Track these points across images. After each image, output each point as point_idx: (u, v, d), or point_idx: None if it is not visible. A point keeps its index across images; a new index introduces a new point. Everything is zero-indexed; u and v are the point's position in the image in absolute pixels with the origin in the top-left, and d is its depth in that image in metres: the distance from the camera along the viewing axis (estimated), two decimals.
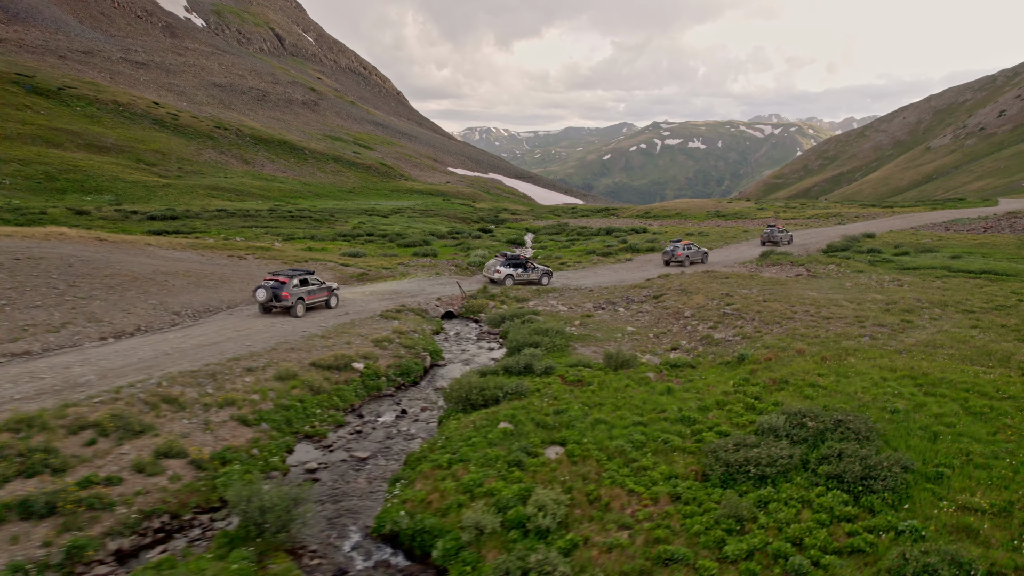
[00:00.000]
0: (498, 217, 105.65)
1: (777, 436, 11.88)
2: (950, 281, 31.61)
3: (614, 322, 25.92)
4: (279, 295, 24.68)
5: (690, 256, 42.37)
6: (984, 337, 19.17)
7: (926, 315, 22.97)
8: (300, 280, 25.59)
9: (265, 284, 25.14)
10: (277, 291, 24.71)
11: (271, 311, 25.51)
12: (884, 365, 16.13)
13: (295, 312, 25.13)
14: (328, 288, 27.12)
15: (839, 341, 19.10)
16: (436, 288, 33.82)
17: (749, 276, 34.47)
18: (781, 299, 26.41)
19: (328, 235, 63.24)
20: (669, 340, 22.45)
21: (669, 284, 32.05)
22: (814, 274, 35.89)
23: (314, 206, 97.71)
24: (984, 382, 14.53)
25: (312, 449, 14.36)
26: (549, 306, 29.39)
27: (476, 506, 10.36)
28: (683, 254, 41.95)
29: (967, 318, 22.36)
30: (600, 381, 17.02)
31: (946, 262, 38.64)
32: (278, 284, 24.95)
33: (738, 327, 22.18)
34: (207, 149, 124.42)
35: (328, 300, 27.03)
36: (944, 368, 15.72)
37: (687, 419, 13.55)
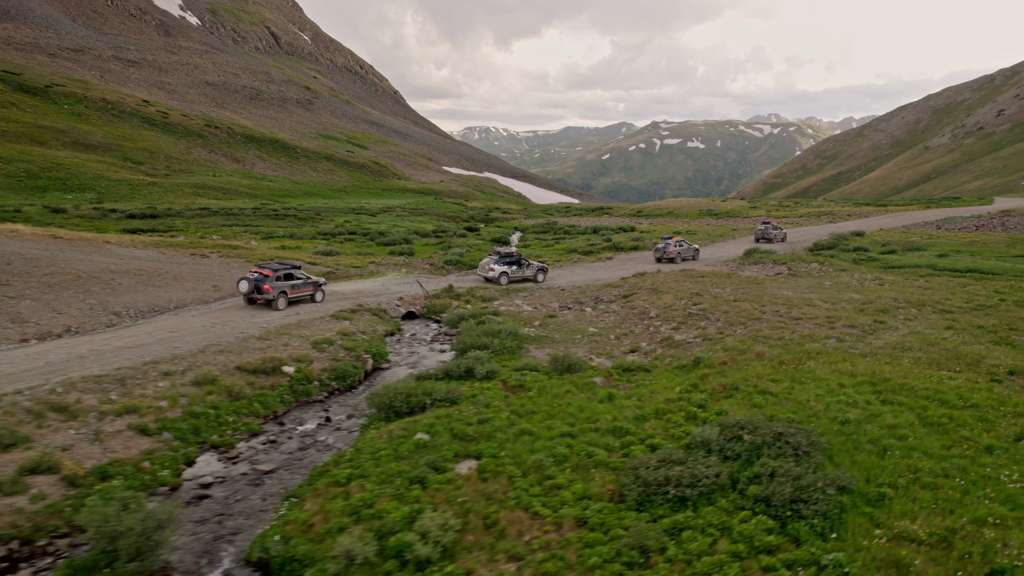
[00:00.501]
0: (489, 216, 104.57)
1: (709, 451, 10.69)
2: (933, 280, 30.40)
3: (577, 323, 24.73)
4: (261, 288, 24.96)
5: (681, 253, 41.97)
6: (957, 339, 17.98)
7: (901, 315, 21.77)
8: (284, 274, 25.75)
9: (248, 276, 25.35)
10: (259, 284, 24.99)
11: (255, 303, 25.77)
12: (845, 370, 14.93)
13: (276, 306, 25.25)
14: (314, 283, 27.25)
15: (803, 343, 17.90)
16: (402, 287, 32.63)
17: (727, 275, 33.26)
18: (753, 299, 25.21)
19: (309, 233, 62.06)
20: (629, 342, 21.25)
21: (642, 283, 30.85)
22: (795, 273, 34.68)
23: (302, 205, 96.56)
24: (947, 388, 13.33)
25: (215, 461, 13.17)
26: (514, 306, 28.20)
27: (355, 531, 9.17)
28: (675, 251, 41.58)
29: (943, 318, 21.17)
30: (541, 387, 15.84)
31: (932, 260, 37.45)
32: (261, 277, 25.17)
33: (701, 328, 20.98)
34: (197, 148, 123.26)
35: (313, 295, 27.16)
36: (908, 373, 14.53)
37: (619, 430, 12.36)
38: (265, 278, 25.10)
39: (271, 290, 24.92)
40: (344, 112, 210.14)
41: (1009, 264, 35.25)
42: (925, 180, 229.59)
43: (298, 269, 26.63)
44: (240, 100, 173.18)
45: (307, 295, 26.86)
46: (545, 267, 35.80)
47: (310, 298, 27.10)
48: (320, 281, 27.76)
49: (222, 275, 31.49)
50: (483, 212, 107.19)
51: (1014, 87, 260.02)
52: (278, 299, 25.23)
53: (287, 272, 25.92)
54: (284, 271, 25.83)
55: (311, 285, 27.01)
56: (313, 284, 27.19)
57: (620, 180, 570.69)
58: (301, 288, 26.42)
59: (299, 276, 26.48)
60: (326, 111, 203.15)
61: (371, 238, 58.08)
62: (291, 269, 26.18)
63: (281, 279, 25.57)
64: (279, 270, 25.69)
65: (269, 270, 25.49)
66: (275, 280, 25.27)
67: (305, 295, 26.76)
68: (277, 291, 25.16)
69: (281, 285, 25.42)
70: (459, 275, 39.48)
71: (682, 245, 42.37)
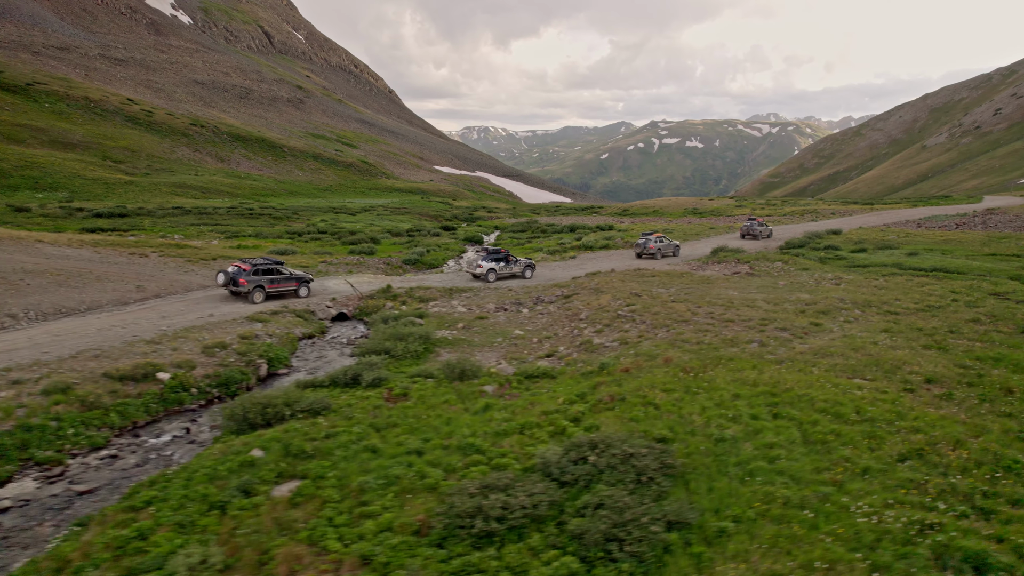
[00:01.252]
0: (473, 215, 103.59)
1: (546, 474, 9.35)
2: (893, 279, 29.01)
3: (507, 325, 23.38)
4: (236, 281, 26.38)
5: (662, 249, 42.18)
6: (889, 342, 16.62)
7: (841, 317, 20.40)
8: (263, 269, 26.93)
9: (226, 270, 26.94)
10: (236, 277, 26.41)
11: (238, 295, 26.92)
12: (747, 379, 13.57)
13: (252, 299, 26.39)
14: (297, 279, 28.15)
15: (720, 348, 16.55)
16: (342, 287, 31.29)
17: (681, 274, 31.90)
18: (693, 299, 23.86)
19: (278, 233, 60.79)
20: (549, 345, 19.90)
21: (588, 283, 29.50)
22: (755, 272, 33.30)
23: (282, 204, 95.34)
24: (848, 400, 11.98)
25: (29, 481, 11.84)
26: (449, 308, 26.85)
27: (105, 568, 7.84)
28: (655, 247, 41.93)
29: (884, 320, 19.81)
30: (421, 396, 14.51)
31: (900, 259, 36.09)
32: (239, 271, 26.50)
33: (624, 331, 19.62)
34: (181, 147, 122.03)
35: (297, 290, 28.06)
36: (814, 382, 13.16)
37: (470, 447, 11.02)
38: (242, 272, 26.39)
39: (246, 283, 26.28)
40: (336, 111, 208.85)
41: (978, 263, 33.88)
42: (922, 179, 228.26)
43: (281, 265, 27.70)
44: (229, 99, 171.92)
45: (290, 290, 27.80)
46: (532, 263, 35.74)
47: (294, 293, 27.98)
48: (307, 278, 28.67)
49: (153, 275, 30.19)
50: (467, 211, 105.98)
51: (1012, 86, 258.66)
52: (253, 292, 26.42)
53: (266, 267, 27.03)
54: (264, 266, 26.96)
55: (294, 281, 27.96)
56: (297, 280, 28.08)
57: (619, 180, 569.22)
58: (282, 283, 27.44)
59: (282, 272, 27.51)
60: (317, 110, 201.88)
61: (339, 237, 56.85)
62: (272, 265, 27.33)
63: (259, 274, 26.70)
64: (259, 265, 26.85)
65: (248, 264, 26.71)
66: (252, 274, 26.47)
67: (287, 290, 27.72)
68: (253, 285, 26.40)
69: (258, 279, 26.57)
70: (420, 275, 38.23)
71: (662, 241, 42.50)
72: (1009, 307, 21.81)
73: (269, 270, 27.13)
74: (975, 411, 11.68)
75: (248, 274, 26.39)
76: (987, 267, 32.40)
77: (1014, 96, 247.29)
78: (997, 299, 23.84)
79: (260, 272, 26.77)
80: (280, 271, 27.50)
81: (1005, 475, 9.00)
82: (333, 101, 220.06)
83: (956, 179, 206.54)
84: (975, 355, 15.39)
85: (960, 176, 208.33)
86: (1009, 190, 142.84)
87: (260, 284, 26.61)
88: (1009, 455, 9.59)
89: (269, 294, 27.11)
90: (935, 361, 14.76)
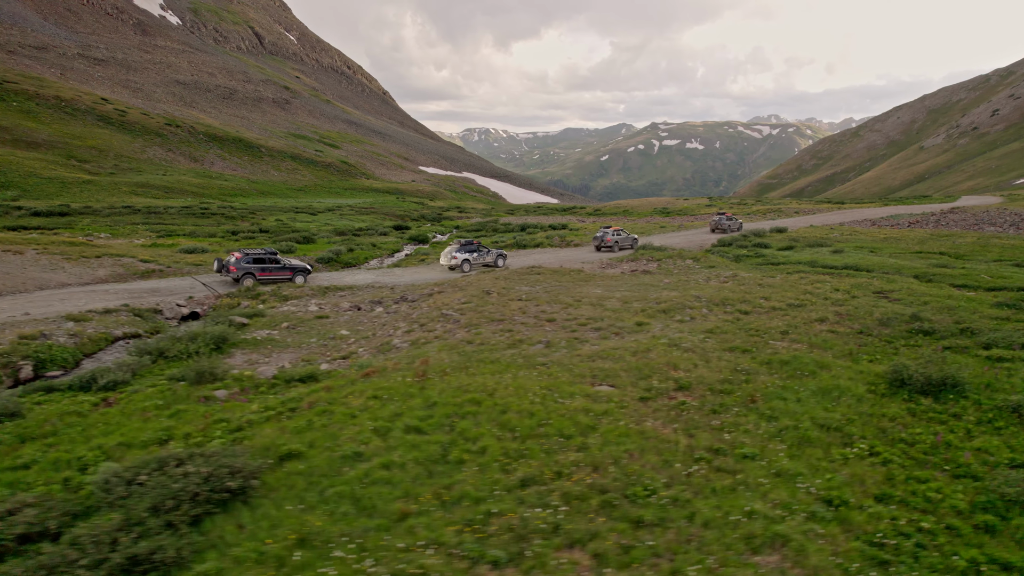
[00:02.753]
0: (441, 215, 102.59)
1: (106, 492, 7.69)
2: (790, 277, 27.23)
3: (339, 325, 21.76)
4: (227, 268, 29.46)
5: (619, 242, 43.42)
6: (692, 343, 14.92)
7: (679, 316, 18.69)
8: (255, 258, 29.78)
9: (220, 258, 30.78)
10: (227, 265, 29.62)
11: (238, 281, 29.41)
12: (469, 385, 11.83)
13: (243, 284, 28.92)
14: (292, 268, 30.52)
15: (499, 350, 14.88)
16: (211, 287, 29.75)
17: (568, 272, 30.24)
18: (545, 298, 22.18)
19: (219, 232, 59.34)
20: (359, 346, 18.27)
21: (462, 281, 27.91)
22: (657, 271, 31.60)
23: (245, 204, 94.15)
24: (552, 411, 10.28)
25: None
26: (303, 307, 25.26)
27: None
28: (612, 239, 43.19)
29: (726, 318, 18.11)
30: (131, 400, 12.92)
31: (819, 257, 34.35)
32: (232, 259, 29.57)
33: (430, 331, 17.97)
34: (153, 146, 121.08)
35: (292, 278, 30.40)
36: (533, 389, 11.45)
37: (73, 462, 9.39)
38: (235, 260, 29.37)
39: (235, 270, 29.11)
40: (323, 112, 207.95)
41: (896, 260, 32.10)
42: (919, 180, 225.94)
43: (275, 255, 30.40)
44: (211, 99, 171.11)
45: (284, 278, 30.18)
46: (504, 253, 37.09)
47: (289, 281, 30.26)
48: (304, 268, 31.03)
49: (9, 272, 28.73)
50: (437, 211, 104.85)
51: (1009, 87, 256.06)
52: (243, 279, 29.09)
53: (257, 256, 29.86)
54: (256, 255, 29.88)
55: (288, 270, 30.36)
56: (291, 269, 30.44)
57: (619, 181, 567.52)
58: (274, 272, 29.96)
59: (276, 261, 30.15)
60: (304, 111, 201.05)
61: (275, 237, 55.31)
62: (265, 255, 30.10)
63: (250, 262, 29.47)
64: (251, 255, 29.81)
65: (242, 253, 29.76)
66: (242, 263, 29.29)
67: (281, 278, 30.10)
68: (242, 272, 29.16)
69: (249, 267, 29.32)
70: (330, 273, 36.70)
71: (620, 234, 43.85)
72: (877, 306, 20.07)
73: (260, 259, 29.79)
74: (689, 423, 9.99)
75: (239, 262, 29.20)
76: (900, 264, 30.61)
77: (1011, 97, 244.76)
78: (876, 297, 22.11)
79: (251, 261, 29.53)
80: (275, 260, 30.11)
81: (609, 510, 7.34)
82: (321, 102, 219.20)
83: (952, 180, 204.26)
84: (776, 358, 13.69)
85: (957, 177, 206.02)
86: (1004, 191, 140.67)
87: (250, 272, 29.27)
88: (644, 482, 7.90)
89: (260, 281, 29.58)
90: (715, 366, 13.05)
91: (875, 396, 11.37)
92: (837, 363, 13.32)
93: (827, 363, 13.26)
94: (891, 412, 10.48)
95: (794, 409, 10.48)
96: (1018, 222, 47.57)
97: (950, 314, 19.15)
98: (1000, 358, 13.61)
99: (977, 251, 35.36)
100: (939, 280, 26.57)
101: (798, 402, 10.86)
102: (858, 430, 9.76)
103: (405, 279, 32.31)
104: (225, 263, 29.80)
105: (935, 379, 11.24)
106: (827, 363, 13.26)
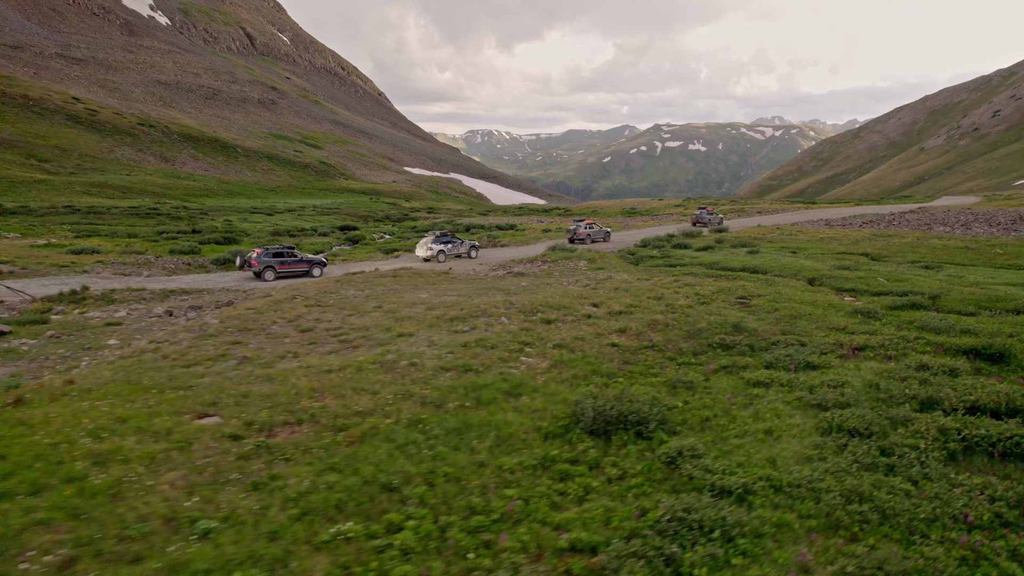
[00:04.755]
0: (407, 215, 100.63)
1: None
2: (664, 280, 24.52)
3: (127, 334, 19.28)
4: (249, 262, 31.15)
5: (591, 235, 44.20)
6: (431, 363, 12.32)
7: (461, 325, 16.06)
8: (274, 253, 31.24)
9: (242, 253, 33.27)
10: (248, 259, 31.36)
11: (257, 276, 30.81)
12: (74, 410, 9.31)
13: (264, 277, 30.51)
14: (309, 261, 32.06)
15: (188, 366, 12.34)
16: (61, 288, 27.36)
17: (425, 274, 27.71)
18: (353, 303, 19.62)
19: (150, 235, 57.06)
20: (102, 355, 15.78)
21: (283, 291, 25.43)
22: (548, 272, 28.96)
23: (203, 204, 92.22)
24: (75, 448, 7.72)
25: None
26: (110, 313, 22.80)
27: None
28: (584, 232, 43.88)
29: (512, 330, 15.47)
30: None
31: (729, 258, 31.63)
32: (254, 255, 31.08)
33: (156, 344, 15.43)
34: (123, 146, 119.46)
35: (310, 271, 31.75)
36: (105, 423, 8.91)
37: None
38: (255, 255, 30.95)
39: (257, 264, 30.53)
40: (310, 112, 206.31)
41: (815, 263, 29.41)
42: (919, 181, 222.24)
43: (292, 249, 31.96)
44: (193, 99, 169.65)
45: (301, 271, 31.60)
46: (476, 244, 38.69)
47: (306, 274, 31.58)
48: (321, 260, 32.62)
49: None
50: (405, 212, 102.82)
51: (1011, 88, 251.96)
52: (264, 272, 30.56)
53: (276, 251, 31.32)
54: (275, 250, 31.33)
55: (306, 263, 31.84)
56: (308, 262, 31.91)
57: (621, 183, 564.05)
58: (293, 265, 31.37)
59: (295, 255, 31.73)
60: (290, 111, 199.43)
61: (204, 238, 52.58)
62: (284, 249, 31.58)
63: (270, 256, 31.03)
64: (271, 249, 31.29)
65: (262, 248, 31.28)
66: (264, 256, 30.86)
67: (299, 271, 31.54)
68: (263, 265, 30.56)
69: (269, 260, 30.84)
70: (213, 275, 34.27)
71: (592, 227, 44.72)
72: (712, 313, 17.40)
73: (280, 253, 31.26)
74: (217, 477, 7.39)
75: (260, 256, 30.71)
76: (805, 266, 27.88)
77: (1013, 98, 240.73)
78: (731, 303, 19.42)
79: (272, 255, 30.99)
80: (293, 254, 31.65)
81: None
82: (310, 102, 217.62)
83: (952, 181, 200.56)
84: (482, 382, 11.07)
85: (957, 178, 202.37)
86: (1002, 192, 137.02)
87: (271, 265, 30.67)
88: None
89: (280, 274, 30.90)
90: (384, 393, 10.43)
91: (539, 437, 8.75)
92: (550, 387, 10.68)
93: (536, 387, 10.63)
94: (511, 464, 7.83)
95: (384, 458, 7.85)
96: (971, 222, 44.56)
97: (791, 324, 16.47)
98: (759, 382, 10.95)
99: (903, 252, 32.51)
100: (830, 283, 23.87)
101: (413, 445, 8.24)
102: (426, 493, 7.11)
103: (264, 285, 29.85)
104: (247, 258, 31.38)
105: (611, 415, 8.60)
106: (536, 387, 10.63)
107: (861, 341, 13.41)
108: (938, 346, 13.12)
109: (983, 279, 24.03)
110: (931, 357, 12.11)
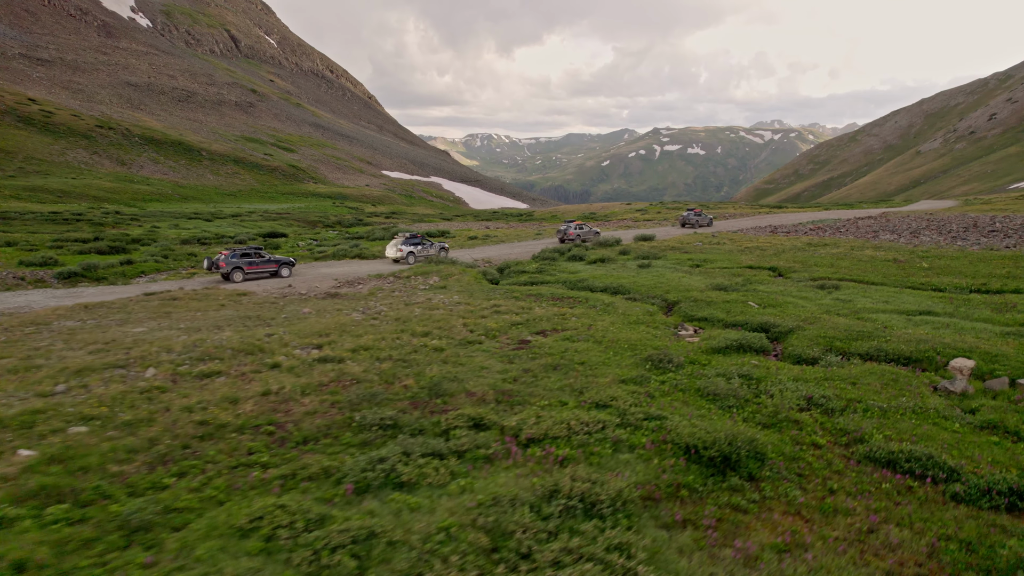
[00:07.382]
0: (362, 220, 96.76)
1: None
2: (511, 304, 19.92)
3: None
4: (217, 264, 30.36)
5: (581, 235, 45.69)
6: None
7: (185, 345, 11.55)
8: (242, 254, 31.07)
9: (209, 257, 31.84)
10: (216, 261, 30.47)
11: (225, 278, 30.45)
12: None
13: (233, 278, 30.09)
14: (277, 261, 31.87)
15: None
16: None
17: (207, 296, 23.16)
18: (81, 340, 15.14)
19: (45, 241, 52.48)
20: None
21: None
22: (373, 293, 24.38)
23: (143, 209, 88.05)
24: None
25: None
26: None
27: None
28: (574, 233, 45.54)
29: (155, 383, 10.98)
30: None
31: (604, 274, 26.97)
32: (221, 256, 30.70)
33: None
34: (77, 149, 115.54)
35: (278, 271, 31.59)
36: None
37: None
38: (223, 256, 30.65)
39: (224, 265, 30.19)
40: (289, 115, 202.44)
41: (703, 279, 24.69)
42: (914, 185, 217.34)
43: (260, 250, 31.95)
44: (164, 102, 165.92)
45: (269, 271, 31.35)
46: (446, 246, 38.99)
47: (275, 274, 31.47)
48: (290, 261, 32.34)
49: None
50: (357, 217, 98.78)
51: (1007, 91, 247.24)
52: (232, 273, 30.20)
53: (244, 252, 31.19)
54: (243, 251, 31.23)
55: (274, 263, 31.67)
56: (277, 263, 31.76)
57: (620, 186, 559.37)
58: (260, 265, 31.16)
59: (261, 255, 31.65)
60: (268, 114, 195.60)
61: (115, 246, 47.75)
62: (251, 250, 31.55)
63: (238, 257, 30.79)
64: (239, 251, 31.14)
65: (229, 251, 31.02)
66: (231, 258, 30.61)
67: (267, 271, 31.28)
68: (231, 266, 30.25)
69: (237, 261, 30.56)
70: (42, 292, 29.83)
71: (582, 228, 46.74)
72: (457, 362, 12.82)
73: (247, 254, 31.22)
74: None
75: (228, 258, 30.42)
76: (680, 284, 23.24)
77: (1009, 101, 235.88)
78: (513, 345, 14.85)
79: (239, 256, 30.82)
80: (261, 255, 31.62)
81: None
82: (290, 105, 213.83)
83: (948, 185, 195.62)
84: None
85: (952, 181, 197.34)
86: (985, 196, 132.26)
87: (239, 266, 30.36)
88: None
89: (248, 275, 30.66)
90: None
91: None
92: None
93: None
94: None
95: None
96: (921, 229, 39.85)
97: (531, 383, 11.87)
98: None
99: (820, 265, 27.87)
100: (687, 310, 19.34)
101: None
102: None
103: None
104: (215, 260, 30.59)
105: None
106: None
107: (543, 429, 8.77)
108: (661, 438, 8.48)
109: (876, 304, 19.39)
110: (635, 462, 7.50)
